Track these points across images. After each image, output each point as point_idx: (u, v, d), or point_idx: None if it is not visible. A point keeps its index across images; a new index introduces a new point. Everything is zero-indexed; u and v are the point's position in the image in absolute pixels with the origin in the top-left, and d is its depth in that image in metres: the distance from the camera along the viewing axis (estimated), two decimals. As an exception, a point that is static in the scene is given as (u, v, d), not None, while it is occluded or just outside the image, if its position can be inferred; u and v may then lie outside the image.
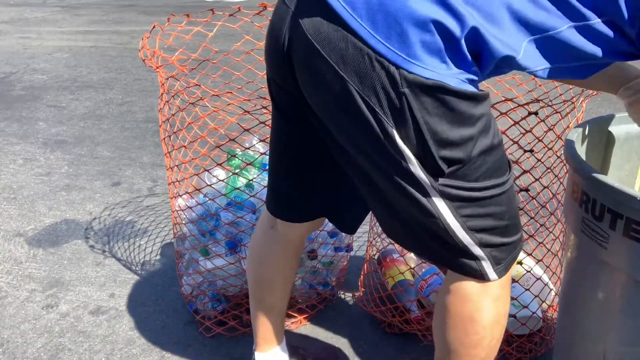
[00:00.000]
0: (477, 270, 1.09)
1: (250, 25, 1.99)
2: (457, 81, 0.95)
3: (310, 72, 1.01)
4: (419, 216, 1.05)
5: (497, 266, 1.10)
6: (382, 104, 0.95)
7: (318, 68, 0.98)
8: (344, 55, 0.94)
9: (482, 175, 1.03)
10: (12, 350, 1.78)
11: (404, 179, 1.01)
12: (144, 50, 1.72)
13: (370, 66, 0.93)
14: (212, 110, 1.64)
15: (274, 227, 1.40)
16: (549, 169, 1.60)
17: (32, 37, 6.19)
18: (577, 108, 1.57)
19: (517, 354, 1.66)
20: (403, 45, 0.92)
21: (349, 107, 0.97)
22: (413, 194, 1.02)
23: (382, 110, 0.95)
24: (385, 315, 1.81)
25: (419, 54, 0.92)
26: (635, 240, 1.04)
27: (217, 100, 1.64)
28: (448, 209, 1.03)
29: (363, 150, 1.03)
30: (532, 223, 1.68)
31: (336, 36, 0.94)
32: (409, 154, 0.98)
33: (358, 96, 0.95)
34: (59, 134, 3.54)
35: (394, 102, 0.94)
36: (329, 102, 1.01)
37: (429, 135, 0.96)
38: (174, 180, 1.82)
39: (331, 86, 0.97)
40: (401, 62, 0.92)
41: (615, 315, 1.15)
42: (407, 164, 0.99)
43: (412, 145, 0.98)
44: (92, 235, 2.42)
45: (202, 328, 1.81)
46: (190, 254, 1.83)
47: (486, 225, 1.07)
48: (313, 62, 0.98)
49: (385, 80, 0.93)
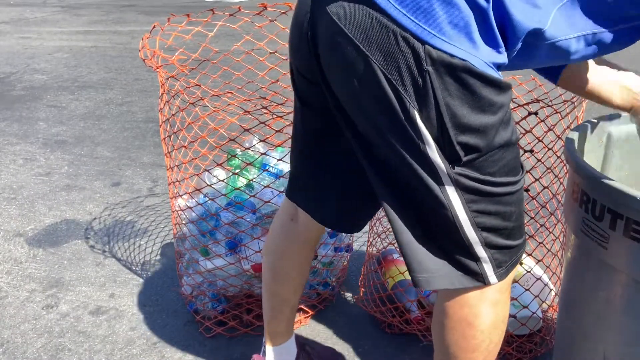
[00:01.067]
0: (477, 272, 1.08)
1: (250, 25, 1.99)
2: (482, 63, 0.93)
3: (334, 53, 0.99)
4: (430, 206, 1.03)
5: (498, 269, 1.09)
6: (405, 83, 0.93)
7: (342, 48, 0.96)
8: (368, 33, 0.93)
9: (499, 170, 1.02)
10: (12, 350, 1.78)
11: (419, 163, 0.99)
12: (144, 50, 1.72)
13: (395, 43, 0.91)
14: (212, 110, 1.64)
15: (295, 220, 1.38)
16: (549, 169, 1.60)
17: (32, 37, 6.19)
18: (577, 108, 1.57)
19: (517, 354, 1.66)
20: (430, 19, 0.90)
21: (372, 86, 0.96)
22: (426, 181, 1.00)
23: (405, 90, 0.94)
24: (385, 315, 1.81)
25: (445, 28, 0.90)
26: (635, 240, 1.03)
27: (217, 100, 1.64)
28: (459, 201, 1.01)
29: (381, 132, 1.01)
30: (532, 223, 1.68)
31: (360, 14, 0.93)
32: (428, 136, 0.96)
33: (382, 74, 0.94)
34: (59, 134, 3.54)
35: (417, 80, 0.92)
36: (352, 83, 0.99)
37: (448, 117, 0.94)
38: (174, 180, 1.82)
39: (355, 65, 0.96)
40: (427, 36, 0.90)
41: (615, 316, 1.15)
42: (425, 147, 0.97)
43: (432, 127, 0.96)
44: (92, 235, 2.42)
45: (202, 328, 1.81)
46: (190, 254, 1.83)
47: (494, 225, 1.05)
48: (337, 41, 0.97)
49: (409, 58, 0.91)
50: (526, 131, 1.51)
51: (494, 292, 1.11)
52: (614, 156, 1.42)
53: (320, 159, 1.27)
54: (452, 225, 1.04)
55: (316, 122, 1.22)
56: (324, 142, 1.24)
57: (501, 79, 0.96)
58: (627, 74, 1.27)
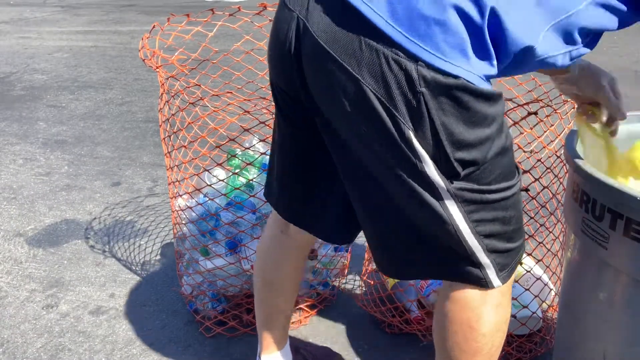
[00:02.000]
0: (481, 278, 1.08)
1: (250, 25, 1.99)
2: (476, 78, 0.93)
3: (322, 76, 0.99)
4: (429, 223, 1.03)
5: (501, 272, 1.09)
6: (398, 104, 0.93)
7: (331, 72, 0.95)
8: (357, 56, 0.92)
9: (496, 177, 1.02)
10: (12, 350, 1.78)
11: (417, 182, 0.99)
12: (144, 50, 1.72)
13: (386, 65, 0.91)
14: (212, 110, 1.64)
15: (285, 232, 1.37)
16: (548, 169, 1.60)
17: (32, 37, 6.19)
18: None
19: (517, 354, 1.66)
20: (425, 36, 0.89)
21: (364, 108, 0.95)
22: (426, 199, 1.00)
23: (398, 111, 0.93)
24: (385, 315, 1.81)
25: (441, 45, 0.90)
26: (635, 240, 1.04)
27: (217, 100, 1.64)
28: (460, 213, 1.02)
29: (376, 153, 1.01)
30: (532, 223, 1.68)
31: (349, 37, 0.93)
32: (425, 155, 0.96)
33: (374, 97, 0.93)
34: (59, 134, 3.54)
35: (411, 102, 0.92)
36: (343, 106, 0.98)
37: (444, 136, 0.95)
38: (174, 180, 1.82)
39: (345, 89, 0.95)
40: (422, 53, 0.89)
41: (615, 315, 1.15)
42: (423, 166, 0.97)
43: (429, 146, 0.96)
44: (92, 235, 2.42)
45: (202, 328, 1.81)
46: (190, 254, 1.83)
47: (494, 230, 1.06)
48: (325, 65, 0.96)
49: (402, 80, 0.91)
50: (526, 131, 1.51)
51: (496, 294, 1.11)
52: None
53: (309, 173, 1.26)
54: (454, 238, 1.04)
55: (303, 140, 1.21)
56: (313, 158, 1.23)
57: (493, 91, 0.97)
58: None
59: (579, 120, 1.28)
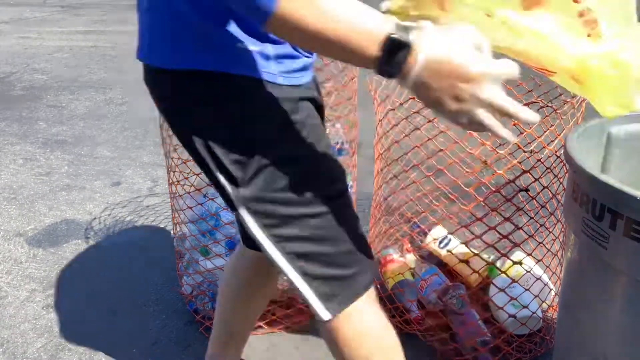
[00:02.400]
0: (310, 305, 0.97)
1: (250, 25, 1.99)
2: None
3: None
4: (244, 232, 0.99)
5: (329, 303, 0.96)
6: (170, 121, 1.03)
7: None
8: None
9: (289, 188, 0.93)
10: (12, 350, 1.78)
11: (219, 189, 0.98)
12: (144, 50, 1.71)
13: (155, 77, 1.02)
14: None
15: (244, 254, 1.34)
16: (548, 169, 1.60)
17: (32, 37, 6.20)
18: (577, 108, 1.57)
19: (517, 354, 1.66)
20: (174, 48, 0.94)
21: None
22: (230, 206, 0.98)
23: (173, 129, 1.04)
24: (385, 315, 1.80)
25: (182, 45, 0.92)
26: (635, 240, 1.04)
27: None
28: (256, 225, 0.95)
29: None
30: (532, 223, 1.68)
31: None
32: (210, 161, 0.95)
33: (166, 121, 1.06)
34: (59, 134, 3.54)
35: (178, 111, 1.00)
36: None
37: (210, 140, 0.93)
38: (174, 180, 1.82)
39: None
40: (170, 63, 0.95)
41: (616, 316, 1.15)
42: (217, 173, 0.95)
43: (205, 152, 0.95)
44: (92, 235, 2.42)
45: (202, 328, 1.81)
46: (190, 254, 1.83)
47: (306, 251, 0.95)
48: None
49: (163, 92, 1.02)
50: (526, 131, 1.51)
51: (342, 324, 0.99)
52: (614, 156, 1.42)
53: None
54: (265, 252, 0.97)
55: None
56: None
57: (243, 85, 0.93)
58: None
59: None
